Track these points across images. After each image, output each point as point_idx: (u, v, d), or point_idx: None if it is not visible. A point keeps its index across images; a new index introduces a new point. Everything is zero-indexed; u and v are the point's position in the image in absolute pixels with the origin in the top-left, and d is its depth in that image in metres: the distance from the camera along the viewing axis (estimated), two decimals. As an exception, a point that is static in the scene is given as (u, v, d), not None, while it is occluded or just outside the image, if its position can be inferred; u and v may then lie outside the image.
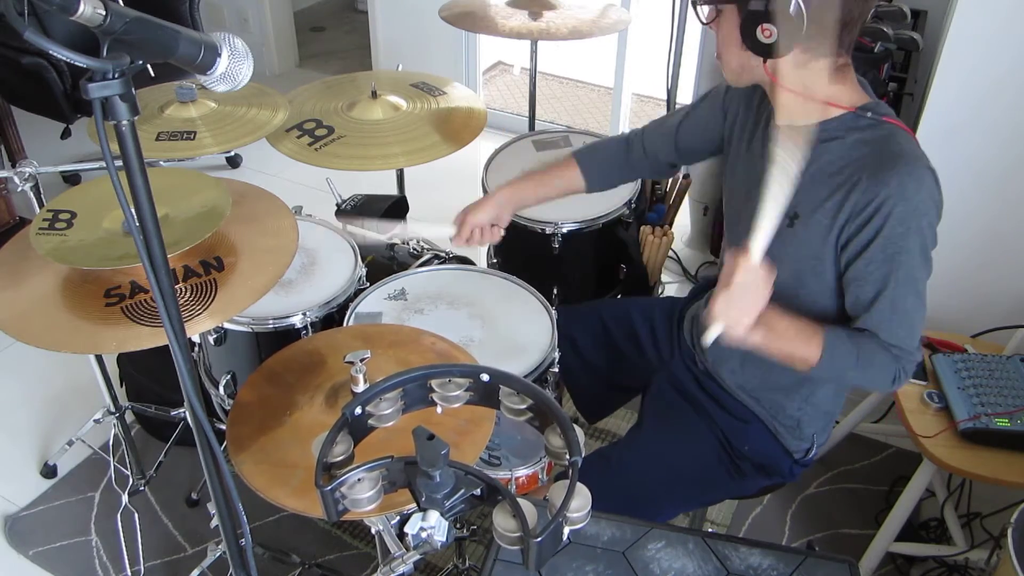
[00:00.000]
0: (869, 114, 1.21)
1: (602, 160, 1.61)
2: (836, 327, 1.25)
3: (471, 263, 1.81)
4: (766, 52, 1.15)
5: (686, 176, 2.57)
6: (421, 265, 1.80)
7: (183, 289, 1.28)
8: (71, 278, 1.32)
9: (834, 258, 1.24)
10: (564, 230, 1.87)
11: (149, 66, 1.18)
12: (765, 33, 1.13)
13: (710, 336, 1.18)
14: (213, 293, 1.27)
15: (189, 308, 1.24)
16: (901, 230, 1.17)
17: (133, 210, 0.82)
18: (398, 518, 1.31)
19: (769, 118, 1.31)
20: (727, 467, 1.46)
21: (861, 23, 1.17)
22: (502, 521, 0.75)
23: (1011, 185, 1.87)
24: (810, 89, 1.21)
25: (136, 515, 1.97)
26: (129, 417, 2.10)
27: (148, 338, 1.20)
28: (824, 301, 1.29)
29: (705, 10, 1.23)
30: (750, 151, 1.37)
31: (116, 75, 0.74)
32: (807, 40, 1.13)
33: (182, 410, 2.09)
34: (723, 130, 1.45)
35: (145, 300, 1.26)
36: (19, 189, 1.62)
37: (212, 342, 1.66)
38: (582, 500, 0.77)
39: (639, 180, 1.98)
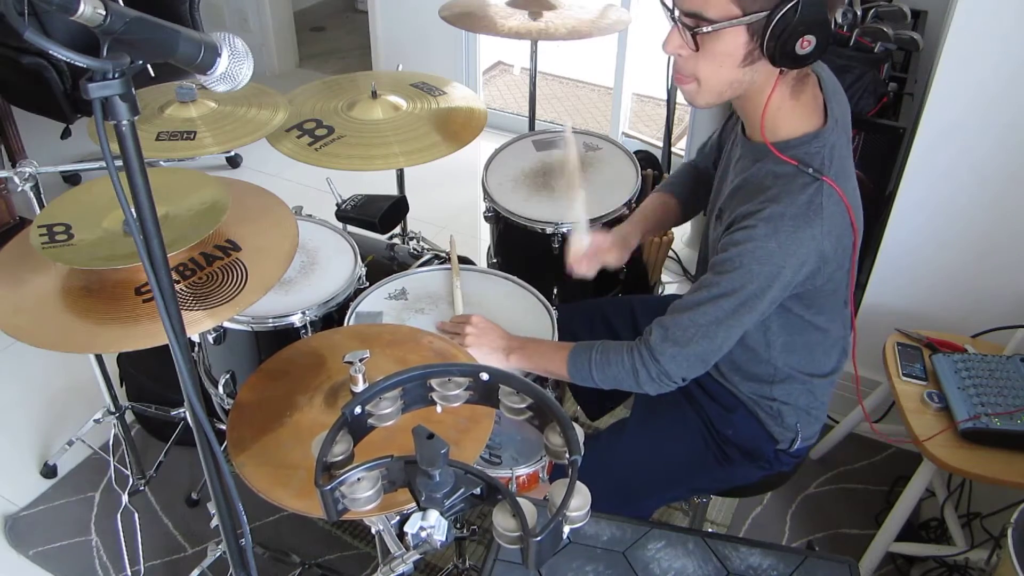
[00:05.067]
0: (811, 170, 1.17)
1: (679, 176, 1.69)
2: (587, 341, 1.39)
3: (471, 263, 1.81)
4: (798, 63, 1.10)
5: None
6: (421, 265, 1.80)
7: (208, 275, 1.30)
8: (72, 278, 1.32)
9: None
10: (564, 230, 1.86)
11: (149, 66, 1.19)
12: (804, 45, 1.07)
13: None
14: (244, 274, 1.31)
15: (221, 292, 1.27)
16: (739, 260, 1.18)
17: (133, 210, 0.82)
18: (398, 518, 1.32)
19: (739, 131, 1.32)
20: (713, 452, 1.48)
21: None
22: (502, 520, 0.75)
23: (1011, 185, 1.87)
24: (774, 102, 1.20)
25: (136, 515, 1.97)
26: (129, 417, 2.10)
27: (147, 338, 1.19)
28: None
29: (701, 36, 1.13)
30: (727, 159, 1.39)
31: (116, 75, 0.74)
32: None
33: (182, 410, 2.09)
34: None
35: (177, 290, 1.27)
36: (19, 189, 1.62)
37: (211, 341, 1.66)
38: (582, 499, 0.77)
39: (639, 180, 1.98)
